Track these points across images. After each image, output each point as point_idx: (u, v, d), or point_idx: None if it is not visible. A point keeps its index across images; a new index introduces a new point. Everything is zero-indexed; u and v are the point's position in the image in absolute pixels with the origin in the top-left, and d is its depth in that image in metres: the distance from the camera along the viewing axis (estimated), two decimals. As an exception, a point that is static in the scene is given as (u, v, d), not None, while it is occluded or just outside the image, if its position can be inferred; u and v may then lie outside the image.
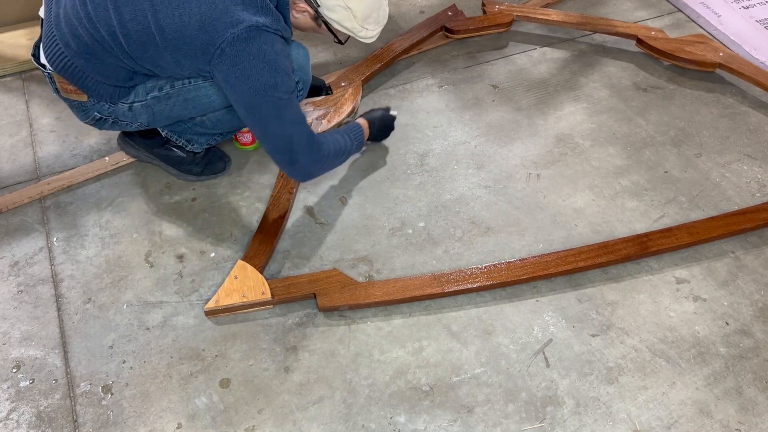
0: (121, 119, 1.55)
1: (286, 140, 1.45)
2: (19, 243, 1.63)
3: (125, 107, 1.52)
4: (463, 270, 1.54)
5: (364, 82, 2.02)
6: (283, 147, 1.47)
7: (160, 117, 1.55)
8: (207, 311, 1.46)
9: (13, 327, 1.47)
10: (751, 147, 1.89)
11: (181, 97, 1.50)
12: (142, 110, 1.52)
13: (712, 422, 1.33)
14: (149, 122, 1.57)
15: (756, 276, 1.58)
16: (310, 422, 1.32)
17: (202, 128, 1.64)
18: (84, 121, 1.59)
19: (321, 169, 1.57)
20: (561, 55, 2.21)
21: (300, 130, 1.46)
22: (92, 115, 1.56)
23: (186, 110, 1.54)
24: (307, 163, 1.51)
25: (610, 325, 1.48)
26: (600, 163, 1.85)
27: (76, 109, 1.56)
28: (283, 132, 1.43)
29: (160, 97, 1.50)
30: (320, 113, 1.90)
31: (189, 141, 1.69)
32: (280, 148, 1.47)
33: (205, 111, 1.56)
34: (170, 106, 1.52)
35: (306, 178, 1.57)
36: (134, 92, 1.50)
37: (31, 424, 1.32)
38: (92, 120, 1.57)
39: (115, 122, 1.58)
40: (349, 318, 1.49)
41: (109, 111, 1.53)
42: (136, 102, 1.51)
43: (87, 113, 1.55)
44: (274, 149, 1.48)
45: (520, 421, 1.32)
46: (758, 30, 2.27)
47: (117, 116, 1.55)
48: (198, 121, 1.62)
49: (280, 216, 1.64)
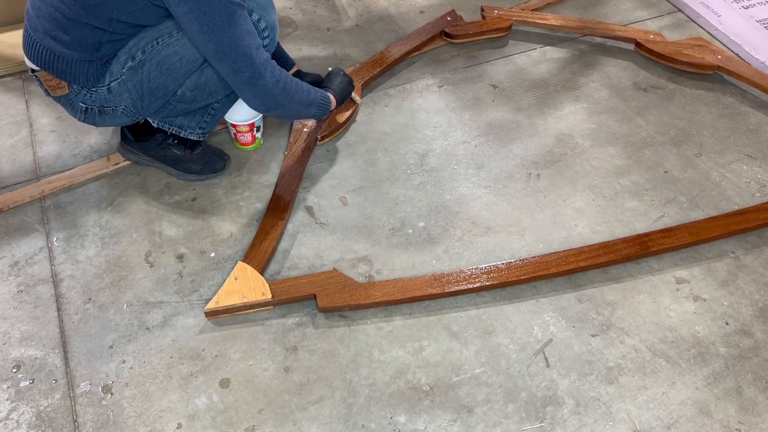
0: (106, 105, 1.55)
1: (244, 53, 1.39)
2: (19, 243, 1.63)
3: (104, 90, 1.52)
4: (464, 270, 1.54)
5: (363, 86, 2.03)
6: (243, 61, 1.40)
7: (140, 93, 1.54)
8: (207, 312, 1.46)
9: (13, 327, 1.47)
10: (751, 147, 1.89)
11: (153, 61, 1.49)
12: (121, 89, 1.52)
13: (712, 422, 1.33)
14: (134, 104, 1.56)
15: (756, 276, 1.58)
16: (310, 422, 1.32)
17: (186, 104, 1.63)
18: (76, 117, 1.60)
19: (287, 97, 1.51)
20: (561, 55, 2.21)
21: (258, 44, 1.41)
22: (78, 107, 1.57)
23: (161, 76, 1.52)
24: (273, 83, 1.45)
25: (610, 325, 1.48)
26: (600, 163, 1.85)
27: (66, 106, 1.58)
28: (240, 42, 1.38)
29: (135, 67, 1.49)
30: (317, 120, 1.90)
31: (181, 127, 1.69)
32: (240, 64, 1.40)
33: (180, 74, 1.55)
34: (146, 74, 1.51)
35: (270, 104, 1.50)
36: (109, 72, 1.50)
37: (31, 424, 1.32)
38: (81, 113, 1.59)
39: (102, 111, 1.58)
40: (349, 318, 1.49)
41: (92, 99, 1.54)
42: (113, 81, 1.51)
43: (74, 106, 1.57)
44: (234, 65, 1.41)
45: (520, 421, 1.32)
46: (758, 30, 2.27)
47: (101, 103, 1.55)
48: (180, 96, 1.61)
49: (281, 218, 1.65)
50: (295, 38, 2.28)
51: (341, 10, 2.41)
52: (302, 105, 1.59)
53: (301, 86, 1.58)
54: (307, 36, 2.29)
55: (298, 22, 2.35)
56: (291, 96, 1.54)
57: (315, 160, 1.85)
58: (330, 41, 2.27)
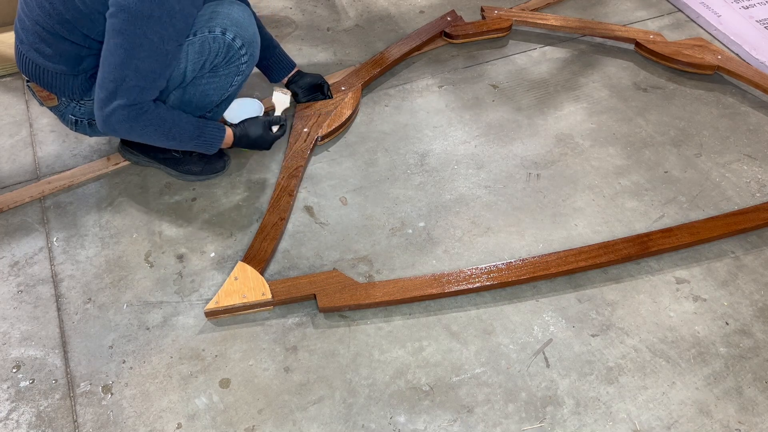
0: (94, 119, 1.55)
1: (118, 77, 1.36)
2: (19, 243, 1.63)
3: (92, 103, 1.53)
4: (464, 270, 1.54)
5: (363, 87, 2.03)
6: (109, 85, 1.37)
7: None
8: (207, 312, 1.46)
9: (13, 327, 1.47)
10: (751, 147, 1.89)
11: None
12: None
13: (712, 422, 1.33)
14: None
15: (756, 276, 1.58)
16: (310, 422, 1.32)
17: None
18: (69, 127, 1.64)
19: (130, 131, 1.46)
20: (561, 55, 2.21)
21: (138, 78, 1.36)
22: (69, 119, 1.60)
23: None
24: (123, 115, 1.40)
25: (610, 325, 1.48)
26: (600, 163, 1.85)
27: (58, 117, 1.62)
28: (122, 70, 1.35)
29: None
30: (318, 118, 1.90)
31: None
32: (106, 83, 1.37)
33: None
34: None
35: (107, 129, 1.44)
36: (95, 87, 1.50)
37: (31, 424, 1.32)
38: (72, 125, 1.62)
39: (91, 123, 1.61)
40: (349, 318, 1.49)
41: (81, 112, 1.57)
42: None
43: (65, 118, 1.60)
44: (102, 81, 1.38)
45: (520, 421, 1.32)
46: (758, 30, 2.27)
47: (89, 116, 1.57)
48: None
49: (281, 218, 1.65)
50: (295, 38, 2.28)
51: (341, 10, 2.41)
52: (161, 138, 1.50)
53: (168, 124, 1.48)
54: (307, 36, 2.29)
55: (298, 22, 2.35)
56: (139, 134, 1.47)
57: (315, 160, 1.85)
58: (330, 41, 2.27)
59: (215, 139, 1.59)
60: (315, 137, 1.86)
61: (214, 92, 1.60)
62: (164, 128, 1.48)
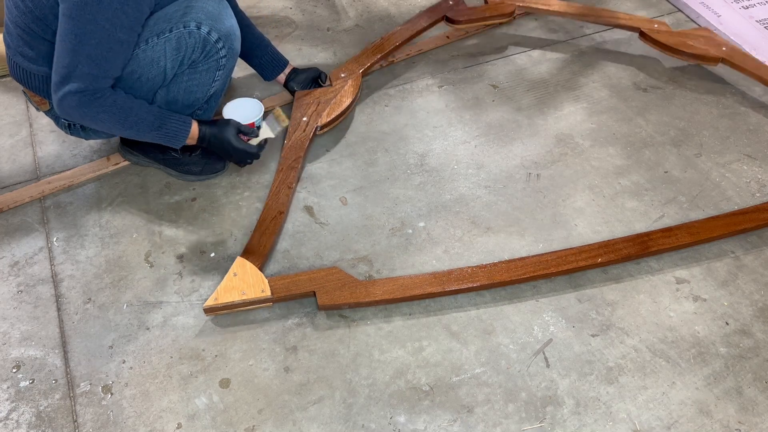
0: None
1: (71, 63, 1.34)
2: (19, 243, 1.63)
3: None
4: (464, 269, 1.53)
5: (364, 74, 2.01)
6: (61, 70, 1.36)
7: None
8: (206, 309, 1.46)
9: (13, 327, 1.47)
10: (751, 147, 1.89)
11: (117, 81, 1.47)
12: None
13: (712, 422, 1.33)
14: None
15: (756, 276, 1.58)
16: (310, 422, 1.32)
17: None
18: (63, 131, 1.64)
19: (83, 117, 1.43)
20: (561, 55, 2.21)
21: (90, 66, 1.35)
22: (62, 122, 1.61)
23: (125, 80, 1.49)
24: (75, 100, 1.38)
25: (610, 325, 1.48)
26: (600, 163, 1.85)
27: (53, 121, 1.62)
28: (73, 56, 1.33)
29: None
30: (318, 107, 1.88)
31: None
32: (59, 68, 1.36)
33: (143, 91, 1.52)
34: None
35: (61, 113, 1.43)
36: None
37: (31, 424, 1.32)
38: (66, 128, 1.62)
39: (84, 127, 1.61)
40: (349, 318, 1.49)
41: None
42: None
43: (58, 122, 1.61)
44: (56, 66, 1.37)
45: (520, 421, 1.32)
46: (758, 30, 2.27)
47: None
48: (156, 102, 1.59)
49: (280, 211, 1.64)
50: (295, 38, 2.28)
51: (341, 10, 2.42)
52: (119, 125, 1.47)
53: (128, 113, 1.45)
54: (307, 36, 2.29)
55: (298, 22, 2.35)
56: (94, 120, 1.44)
57: (315, 160, 1.85)
58: (330, 41, 2.27)
59: (179, 131, 1.52)
60: (314, 126, 1.83)
61: (197, 89, 1.59)
62: (120, 116, 1.45)
